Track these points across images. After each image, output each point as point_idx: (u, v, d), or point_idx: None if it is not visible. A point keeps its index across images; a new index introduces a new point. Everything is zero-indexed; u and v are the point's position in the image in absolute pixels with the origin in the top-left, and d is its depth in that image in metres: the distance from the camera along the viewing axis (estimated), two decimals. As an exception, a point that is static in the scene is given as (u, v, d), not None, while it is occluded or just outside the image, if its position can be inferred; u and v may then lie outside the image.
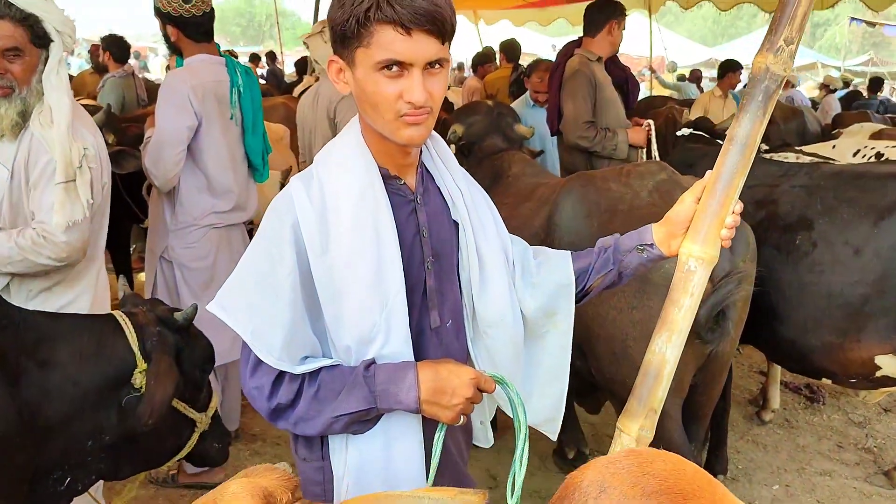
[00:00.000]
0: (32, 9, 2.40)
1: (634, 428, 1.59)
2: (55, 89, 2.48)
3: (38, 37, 2.44)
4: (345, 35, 1.39)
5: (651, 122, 4.18)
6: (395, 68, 1.36)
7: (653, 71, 13.83)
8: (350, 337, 1.48)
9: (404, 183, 1.55)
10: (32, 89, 2.45)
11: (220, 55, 3.42)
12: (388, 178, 1.52)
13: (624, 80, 4.42)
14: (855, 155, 5.35)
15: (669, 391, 2.60)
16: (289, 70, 16.40)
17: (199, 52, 3.34)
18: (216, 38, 3.51)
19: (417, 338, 1.54)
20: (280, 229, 1.44)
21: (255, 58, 16.69)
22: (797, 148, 5.01)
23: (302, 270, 1.44)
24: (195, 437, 2.34)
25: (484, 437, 1.82)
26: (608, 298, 2.59)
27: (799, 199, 2.96)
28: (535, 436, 1.75)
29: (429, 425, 1.54)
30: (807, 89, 17.05)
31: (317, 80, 8.49)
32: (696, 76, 15.38)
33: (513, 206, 3.04)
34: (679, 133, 4.04)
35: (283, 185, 4.57)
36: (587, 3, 4.42)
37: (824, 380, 3.06)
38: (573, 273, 1.72)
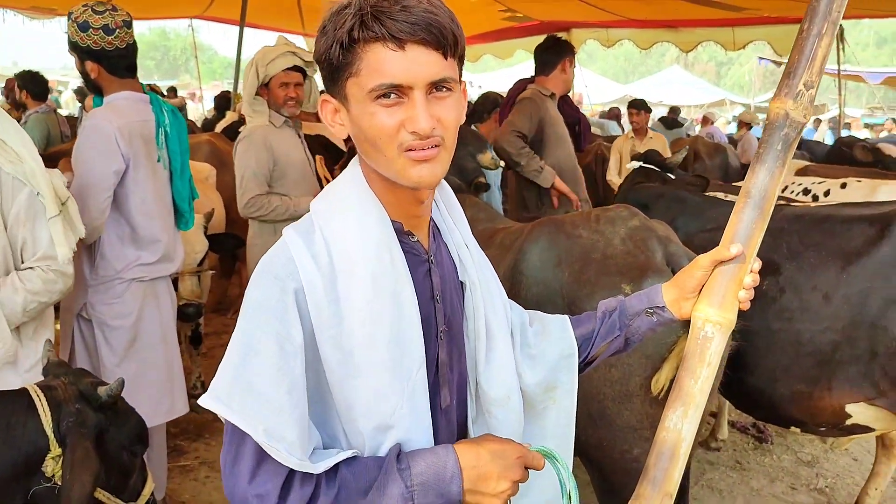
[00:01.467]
0: None
1: (655, 512, 1.41)
2: (3, 123, 2.35)
3: None
4: (332, 66, 1.18)
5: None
6: (392, 96, 1.15)
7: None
8: (365, 423, 1.22)
9: (417, 240, 1.33)
10: None
11: (144, 92, 3.14)
12: (400, 234, 1.29)
13: (576, 121, 4.44)
14: (783, 191, 5.44)
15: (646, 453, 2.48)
16: (208, 105, 15.97)
17: (122, 89, 3.04)
18: None
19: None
20: (283, 299, 1.18)
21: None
22: (734, 184, 5.05)
23: (304, 347, 1.19)
24: None
25: None
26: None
27: (763, 242, 2.87)
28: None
29: None
30: (720, 125, 17.66)
31: (240, 116, 8.24)
32: (614, 114, 15.70)
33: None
34: (628, 165, 3.97)
35: (206, 230, 4.27)
36: (515, 39, 4.47)
37: (793, 428, 2.97)
38: (575, 341, 1.53)
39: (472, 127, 5.01)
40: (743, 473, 4.15)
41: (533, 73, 4.46)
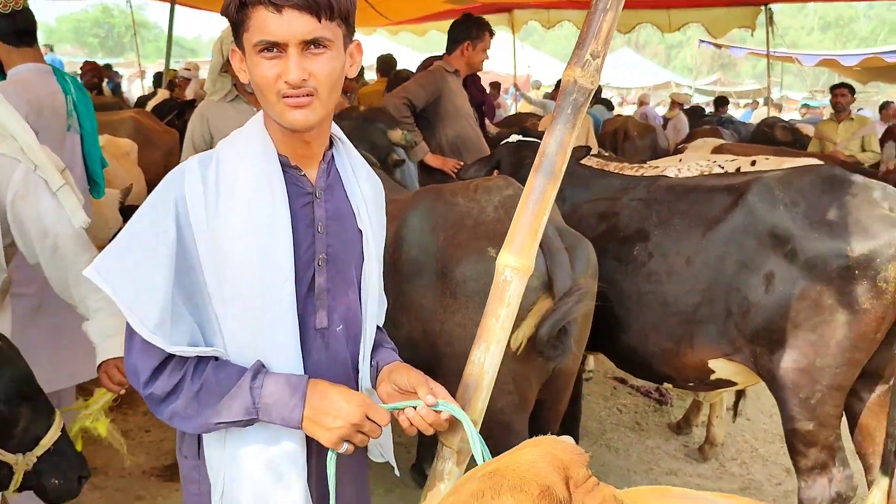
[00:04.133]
0: None
1: (455, 441, 1.59)
2: None
3: None
4: (231, 22, 1.40)
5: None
6: (274, 50, 1.36)
7: (517, 89, 14.22)
8: (234, 324, 1.44)
9: (304, 175, 1.52)
10: None
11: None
12: (286, 167, 1.49)
13: (481, 102, 4.58)
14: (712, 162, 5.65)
15: (515, 407, 2.65)
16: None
17: (24, 60, 3.09)
18: (71, 49, 3.28)
19: (300, 336, 1.50)
20: (166, 201, 1.42)
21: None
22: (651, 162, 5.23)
23: (183, 248, 1.41)
24: (17, 479, 2.09)
25: (379, 453, 1.78)
26: (452, 316, 2.59)
27: (637, 211, 3.07)
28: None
29: None
30: (665, 106, 17.99)
31: (171, 94, 8.24)
32: (553, 97, 15.91)
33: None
34: (506, 141, 4.12)
35: (122, 204, 4.33)
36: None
37: (665, 384, 3.19)
38: None
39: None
40: (640, 433, 4.40)
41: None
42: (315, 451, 1.55)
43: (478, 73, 4.79)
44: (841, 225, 2.56)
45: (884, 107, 11.53)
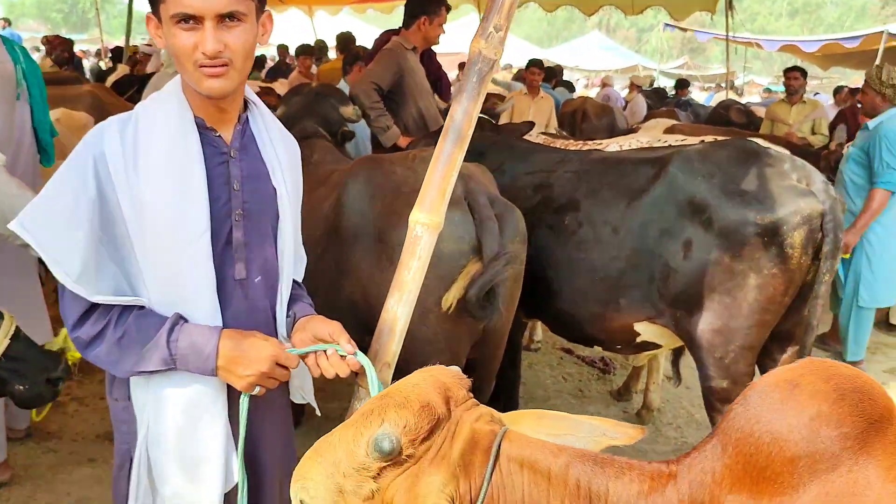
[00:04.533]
0: None
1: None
2: None
3: None
4: None
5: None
6: (190, 22, 1.45)
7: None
8: (155, 275, 1.55)
9: (219, 135, 1.63)
10: None
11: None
12: (202, 128, 1.60)
13: (438, 78, 4.65)
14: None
15: (447, 364, 2.80)
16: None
17: (-28, 31, 3.16)
18: (34, 25, 3.32)
19: (219, 286, 1.61)
20: (85, 159, 1.51)
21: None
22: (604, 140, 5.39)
23: (105, 203, 1.50)
24: None
25: (300, 396, 1.92)
26: (389, 279, 2.71)
27: (570, 183, 3.22)
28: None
29: None
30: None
31: (132, 69, 8.23)
32: (523, 76, 15.98)
33: (307, 192, 3.10)
34: None
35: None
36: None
37: (596, 347, 3.36)
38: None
39: (343, 80, 5.24)
40: (583, 400, 4.58)
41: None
42: (237, 391, 1.67)
43: (433, 49, 4.86)
44: (752, 195, 2.74)
45: (837, 91, 11.81)
